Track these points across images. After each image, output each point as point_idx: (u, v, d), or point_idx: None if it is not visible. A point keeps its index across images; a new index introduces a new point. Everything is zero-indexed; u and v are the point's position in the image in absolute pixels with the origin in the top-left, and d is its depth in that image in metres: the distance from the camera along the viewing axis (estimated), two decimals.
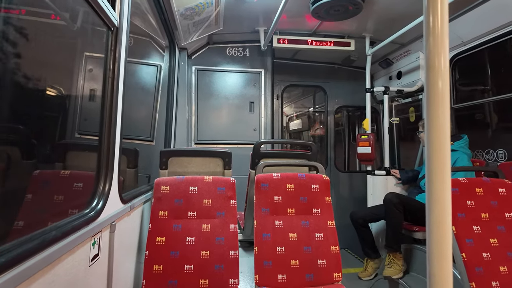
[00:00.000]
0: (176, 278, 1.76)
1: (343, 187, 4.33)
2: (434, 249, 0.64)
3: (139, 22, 2.58)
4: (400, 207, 2.64)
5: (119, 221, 1.48)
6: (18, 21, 1.20)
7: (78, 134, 2.22)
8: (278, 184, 2.08)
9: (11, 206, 1.23)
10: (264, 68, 3.97)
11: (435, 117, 0.65)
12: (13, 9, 1.14)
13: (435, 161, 0.65)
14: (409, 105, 4.00)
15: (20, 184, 1.39)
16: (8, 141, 1.30)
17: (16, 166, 1.41)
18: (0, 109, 1.08)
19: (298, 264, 1.89)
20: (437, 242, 0.64)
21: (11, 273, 0.71)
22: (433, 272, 0.64)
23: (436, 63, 0.65)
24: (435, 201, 0.65)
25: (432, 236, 0.65)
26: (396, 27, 3.06)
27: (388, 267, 2.63)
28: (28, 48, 1.27)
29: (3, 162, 1.32)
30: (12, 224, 1.19)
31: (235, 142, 3.79)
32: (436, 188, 0.65)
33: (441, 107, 0.65)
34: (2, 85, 1.04)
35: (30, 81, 1.48)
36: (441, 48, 0.65)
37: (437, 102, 0.65)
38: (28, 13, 1.34)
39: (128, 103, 1.55)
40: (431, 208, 0.65)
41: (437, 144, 0.65)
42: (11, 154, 1.39)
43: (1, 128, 1.15)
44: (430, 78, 0.66)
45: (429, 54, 0.66)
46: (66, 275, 0.99)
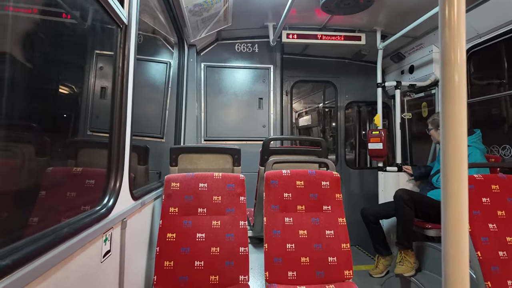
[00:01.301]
0: (186, 274, 1.78)
1: (353, 184, 4.29)
2: (450, 248, 0.62)
3: (148, 19, 2.59)
4: (411, 204, 2.60)
5: (130, 218, 1.49)
6: (31, 21, 1.21)
7: (90, 131, 2.25)
8: (288, 181, 2.06)
9: (25, 202, 1.26)
10: (273, 64, 3.94)
11: (451, 112, 0.63)
12: (26, 8, 1.15)
13: (451, 157, 0.63)
14: (421, 100, 3.91)
15: (33, 181, 1.41)
16: (22, 138, 1.32)
17: (30, 163, 1.44)
18: (15, 107, 1.09)
19: (308, 262, 1.88)
20: (453, 240, 0.62)
21: (25, 269, 0.72)
22: (449, 271, 0.62)
23: (452, 56, 0.62)
24: (451, 199, 0.63)
25: (447, 234, 0.63)
26: (409, 20, 2.99)
27: (400, 264, 2.60)
28: (40, 47, 1.29)
29: (17, 159, 1.34)
30: (26, 220, 1.22)
31: (244, 138, 3.78)
32: (452, 185, 0.63)
33: (458, 102, 0.62)
34: (16, 84, 1.06)
35: (43, 79, 1.50)
36: (458, 41, 0.62)
37: (453, 97, 0.62)
38: (40, 13, 1.35)
39: (138, 100, 1.56)
40: (447, 206, 0.63)
41: (453, 140, 0.62)
42: (25, 152, 1.41)
43: (15, 126, 1.17)
44: (446, 72, 0.63)
45: (444, 47, 0.63)
46: (79, 271, 1.00)
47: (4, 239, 0.88)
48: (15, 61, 1.05)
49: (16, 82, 1.08)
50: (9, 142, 1.16)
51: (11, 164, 1.21)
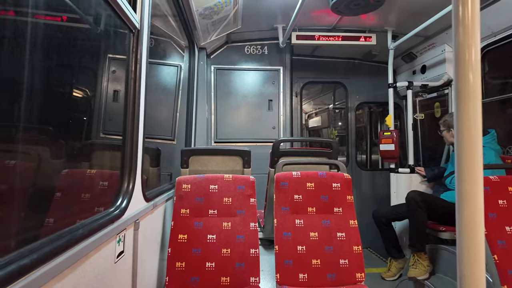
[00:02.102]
0: (198, 275, 1.79)
1: (365, 186, 4.24)
2: (465, 251, 0.61)
3: (160, 23, 2.63)
4: (424, 206, 2.55)
5: (143, 219, 1.51)
6: (47, 27, 1.25)
7: (103, 134, 2.29)
8: (298, 182, 2.06)
9: (42, 204, 1.29)
10: (282, 66, 3.94)
11: (466, 112, 0.61)
12: (43, 15, 1.18)
13: (466, 158, 0.62)
14: (434, 100, 3.84)
15: (49, 182, 1.45)
16: (38, 141, 1.36)
17: (46, 166, 1.48)
18: (31, 111, 1.12)
19: (319, 264, 1.87)
20: (468, 243, 0.61)
21: (43, 268, 0.74)
22: (464, 274, 0.61)
23: (467, 56, 0.61)
24: (465, 201, 0.62)
25: (462, 237, 0.62)
26: (420, 19, 2.94)
27: (413, 267, 2.55)
28: (56, 52, 1.32)
29: (34, 162, 1.38)
30: (43, 221, 1.25)
31: (254, 140, 3.79)
32: (466, 187, 0.62)
33: (472, 102, 0.61)
34: (32, 88, 1.09)
35: (57, 83, 1.54)
36: (472, 40, 0.61)
37: (467, 97, 0.61)
38: (56, 18, 1.39)
39: (150, 103, 1.58)
40: (461, 208, 0.62)
41: (468, 140, 0.61)
42: (41, 154, 1.45)
43: (32, 129, 1.21)
44: (460, 71, 0.62)
45: (458, 46, 0.62)
46: (94, 271, 1.02)
47: (23, 239, 0.91)
48: (34, 66, 1.08)
49: (34, 87, 1.11)
50: (27, 144, 1.20)
51: (29, 166, 1.25)
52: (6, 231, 0.98)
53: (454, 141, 0.64)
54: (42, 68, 1.20)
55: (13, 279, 0.64)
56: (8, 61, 0.99)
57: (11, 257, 0.69)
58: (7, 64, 0.99)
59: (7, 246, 0.86)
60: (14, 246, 0.78)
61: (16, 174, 1.12)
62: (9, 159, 1.15)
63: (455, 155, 0.64)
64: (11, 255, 0.70)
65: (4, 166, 1.12)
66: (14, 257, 0.69)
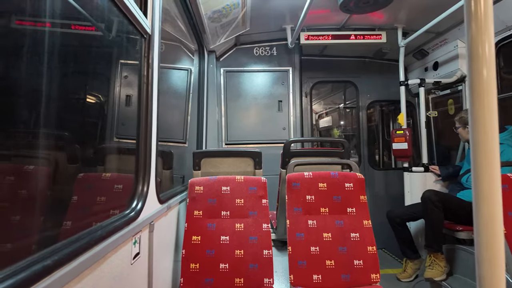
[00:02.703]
0: (212, 277, 1.80)
1: (378, 185, 4.19)
2: (484, 251, 0.60)
3: (170, 28, 2.67)
4: (440, 205, 2.51)
5: (157, 221, 1.54)
6: (63, 35, 1.28)
7: (116, 138, 2.34)
8: (310, 183, 2.05)
9: (61, 206, 1.33)
10: (292, 66, 3.93)
11: (481, 109, 0.61)
12: (59, 24, 1.22)
13: (482, 156, 0.61)
14: (447, 97, 3.77)
15: (66, 186, 1.49)
16: (55, 146, 1.40)
17: (63, 170, 1.52)
18: (49, 117, 1.16)
19: (333, 265, 1.86)
20: (486, 243, 0.60)
21: (64, 269, 0.76)
22: (483, 275, 0.60)
23: (480, 51, 0.61)
24: (483, 199, 0.61)
25: (481, 237, 0.61)
26: (431, 15, 2.90)
27: (430, 268, 2.51)
28: (71, 60, 1.36)
29: (51, 166, 1.42)
30: (62, 223, 1.28)
31: (265, 141, 3.79)
32: (484, 185, 0.61)
33: (487, 98, 0.60)
34: (49, 94, 1.12)
35: (73, 90, 1.58)
36: (485, 34, 0.60)
37: (482, 93, 0.60)
38: (71, 26, 1.43)
39: (162, 107, 1.61)
40: (479, 207, 0.61)
41: (484, 137, 0.60)
42: (58, 159, 1.49)
43: (49, 135, 1.25)
44: (473, 67, 0.61)
45: (471, 42, 0.62)
46: (111, 272, 1.04)
47: (45, 241, 0.94)
48: (51, 74, 1.11)
49: (51, 93, 1.15)
50: (45, 150, 1.24)
51: (48, 171, 1.29)
52: (28, 233, 1.01)
53: (470, 138, 0.63)
54: (58, 75, 1.23)
55: (37, 279, 0.66)
56: (27, 69, 1.03)
57: (34, 258, 0.71)
58: (26, 71, 1.03)
59: (30, 248, 0.89)
60: (37, 247, 0.81)
61: (37, 179, 1.15)
62: (29, 164, 1.19)
63: (471, 153, 0.63)
64: (34, 256, 0.72)
65: (24, 171, 1.15)
66: (37, 258, 0.72)
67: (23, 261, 0.68)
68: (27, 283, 0.63)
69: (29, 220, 1.04)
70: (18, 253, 0.80)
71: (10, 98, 1.02)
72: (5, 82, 1.01)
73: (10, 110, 1.03)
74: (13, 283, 0.60)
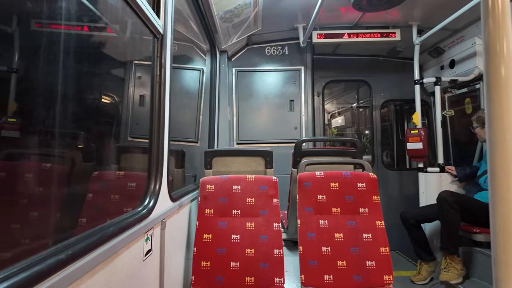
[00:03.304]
0: (223, 275, 1.81)
1: (392, 186, 4.11)
2: (501, 254, 0.58)
3: (182, 28, 2.70)
4: (456, 207, 2.44)
5: (169, 219, 1.56)
6: (79, 37, 1.32)
7: (130, 137, 2.39)
8: (322, 183, 2.03)
9: (76, 203, 1.36)
10: (303, 65, 3.91)
11: (498, 107, 0.59)
12: (75, 26, 1.25)
13: (500, 156, 0.59)
14: (464, 96, 3.66)
15: (82, 184, 1.53)
16: (71, 145, 1.44)
17: (79, 168, 1.56)
18: (64, 116, 1.19)
19: (345, 265, 1.83)
20: (504, 245, 0.58)
21: (77, 264, 0.78)
22: (500, 278, 0.58)
23: (498, 48, 0.59)
24: (500, 201, 0.59)
25: (498, 239, 0.59)
26: (447, 12, 2.82)
27: (445, 271, 2.44)
28: (86, 61, 1.40)
29: (68, 165, 1.46)
30: (76, 219, 1.32)
31: (276, 141, 3.79)
32: (501, 186, 0.59)
33: (505, 96, 0.58)
34: (66, 95, 1.16)
35: (88, 90, 1.62)
36: (503, 31, 0.59)
37: (500, 91, 0.59)
38: (88, 29, 1.46)
39: (174, 107, 1.63)
40: (496, 208, 0.60)
41: (501, 137, 0.59)
42: (74, 157, 1.53)
43: (65, 134, 1.28)
44: (491, 65, 0.60)
45: (488, 39, 0.60)
46: (124, 268, 1.06)
47: (60, 235, 0.96)
48: (67, 75, 1.14)
49: (68, 94, 1.18)
50: (62, 148, 1.27)
51: (65, 169, 1.32)
52: (45, 228, 1.04)
53: (486, 138, 0.61)
54: (74, 76, 1.27)
55: (51, 273, 0.68)
56: (45, 71, 1.06)
57: (48, 252, 0.74)
58: (43, 73, 1.06)
59: (46, 242, 0.91)
60: (51, 241, 0.83)
61: (54, 177, 1.19)
62: (47, 162, 1.23)
63: (487, 153, 0.61)
64: (49, 250, 0.74)
65: (43, 168, 1.19)
66: (52, 252, 0.74)
67: (38, 254, 0.71)
68: (41, 276, 0.65)
69: (47, 215, 1.07)
70: (35, 246, 0.83)
71: (30, 98, 1.05)
72: (26, 84, 1.05)
73: (30, 110, 1.06)
74: (28, 275, 0.62)
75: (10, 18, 1.00)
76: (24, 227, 0.99)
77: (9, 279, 0.59)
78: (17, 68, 1.11)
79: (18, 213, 1.04)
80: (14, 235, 0.95)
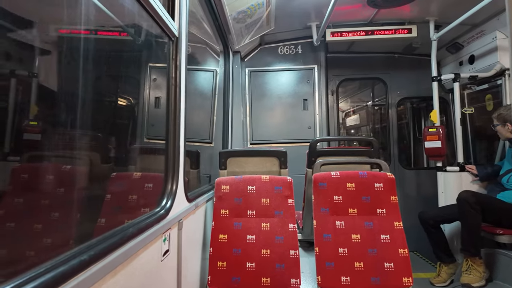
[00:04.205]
0: (239, 275, 1.82)
1: (409, 186, 4.02)
2: None
3: (196, 30, 2.72)
4: (478, 207, 2.36)
5: (186, 219, 1.57)
6: (98, 41, 1.35)
7: (146, 138, 2.42)
8: (338, 183, 2.01)
9: (95, 205, 1.39)
10: (317, 64, 3.87)
11: None
12: (94, 31, 1.28)
13: None
14: (484, 93, 3.54)
15: (101, 185, 1.56)
16: (89, 147, 1.47)
17: (97, 170, 1.59)
18: (83, 119, 1.22)
19: (362, 267, 1.80)
20: None
21: (99, 264, 0.79)
22: None
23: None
24: None
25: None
26: (466, 6, 2.73)
27: (467, 273, 2.37)
28: (104, 65, 1.42)
29: (87, 166, 1.50)
30: (96, 221, 1.35)
31: (290, 141, 3.76)
32: None
33: None
34: (84, 97, 1.18)
35: (105, 92, 1.65)
36: None
37: None
38: (104, 33, 1.49)
39: (189, 108, 1.64)
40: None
41: None
42: (93, 159, 1.57)
43: (84, 136, 1.31)
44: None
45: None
46: (142, 268, 1.08)
47: (82, 236, 0.99)
48: (86, 78, 1.17)
49: (87, 97, 1.20)
50: (81, 151, 1.30)
51: (84, 171, 1.36)
52: (67, 229, 1.07)
53: None
54: (93, 80, 1.29)
55: (75, 273, 0.70)
56: (66, 76, 1.09)
57: (71, 253, 0.75)
58: (65, 77, 1.09)
59: (68, 242, 0.94)
60: (74, 242, 0.85)
61: (75, 178, 1.22)
62: (69, 164, 1.26)
63: None
64: (72, 251, 0.76)
65: (63, 170, 1.22)
66: (75, 252, 0.75)
67: (62, 255, 0.72)
68: (66, 276, 0.67)
69: (67, 216, 1.10)
70: (59, 247, 0.85)
71: (51, 102, 1.08)
72: (46, 88, 1.08)
73: (50, 114, 1.09)
74: (53, 275, 0.63)
75: (31, 23, 1.03)
76: (49, 228, 1.02)
77: (36, 279, 0.60)
78: (37, 73, 1.15)
79: (42, 214, 1.07)
80: (40, 235, 0.98)
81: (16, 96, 1.10)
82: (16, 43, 1.01)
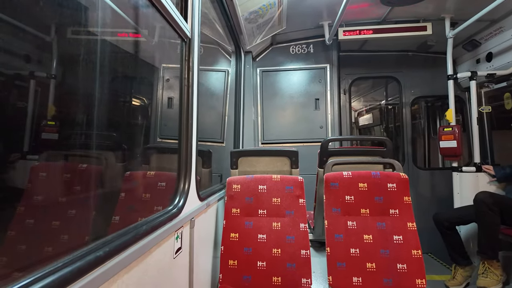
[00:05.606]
0: (250, 274, 1.83)
1: (423, 186, 3.94)
2: None
3: (208, 31, 2.74)
4: (495, 209, 2.30)
5: (198, 217, 1.59)
6: (113, 44, 1.38)
7: (159, 138, 2.46)
8: (349, 183, 1.99)
9: (110, 202, 1.43)
10: (329, 63, 3.84)
11: None
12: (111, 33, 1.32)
13: None
14: (503, 91, 3.44)
15: (115, 183, 1.60)
16: (104, 147, 1.51)
17: (112, 169, 1.63)
18: (99, 119, 1.25)
19: (374, 268, 1.79)
20: None
21: (114, 260, 0.82)
22: None
23: None
24: None
25: None
26: (484, 2, 2.65)
27: (483, 276, 2.31)
28: (119, 66, 1.46)
29: (102, 165, 1.54)
30: (111, 218, 1.38)
31: (301, 140, 3.75)
32: None
33: None
34: (100, 98, 1.22)
35: (119, 92, 1.69)
36: None
37: None
38: (120, 35, 1.53)
39: (201, 108, 1.66)
40: None
41: None
42: (107, 158, 1.61)
43: (99, 136, 1.35)
44: None
45: None
46: (156, 265, 1.10)
47: (97, 233, 1.02)
48: (102, 80, 1.20)
49: (102, 97, 1.24)
50: (97, 150, 1.34)
51: (99, 169, 1.39)
52: (83, 226, 1.10)
53: None
54: (107, 81, 1.33)
55: (91, 268, 0.72)
56: (82, 78, 1.12)
57: (88, 249, 0.78)
58: (82, 80, 1.12)
59: (84, 239, 0.97)
60: (90, 239, 0.88)
61: (90, 177, 1.26)
62: (85, 163, 1.30)
63: None
64: (89, 246, 0.79)
65: (79, 169, 1.26)
66: (90, 249, 0.78)
67: (78, 251, 0.75)
68: (82, 271, 0.69)
69: (83, 214, 1.13)
70: (74, 243, 0.88)
71: (68, 102, 1.12)
72: (63, 89, 1.11)
73: (67, 114, 1.13)
74: (70, 270, 0.66)
75: (49, 27, 1.06)
76: (66, 224, 1.06)
77: (55, 273, 0.63)
78: (55, 74, 1.19)
79: (59, 212, 1.11)
80: (58, 232, 1.01)
81: (35, 96, 1.14)
82: (35, 45, 1.04)
